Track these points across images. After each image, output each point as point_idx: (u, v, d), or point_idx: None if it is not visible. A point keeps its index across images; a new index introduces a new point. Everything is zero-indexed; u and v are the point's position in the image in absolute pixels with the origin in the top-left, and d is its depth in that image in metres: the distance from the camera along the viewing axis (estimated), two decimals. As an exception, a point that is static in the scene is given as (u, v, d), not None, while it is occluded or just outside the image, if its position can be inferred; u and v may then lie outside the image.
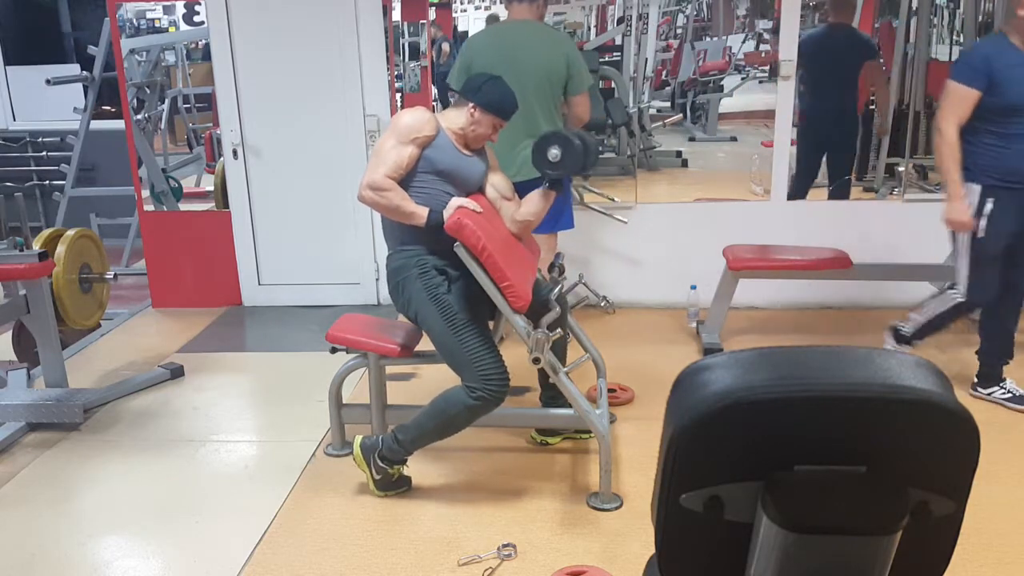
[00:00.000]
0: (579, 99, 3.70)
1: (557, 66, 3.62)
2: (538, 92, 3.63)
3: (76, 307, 3.87)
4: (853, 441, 1.00)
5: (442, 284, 2.70)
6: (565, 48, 3.67)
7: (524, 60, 3.61)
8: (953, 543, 1.08)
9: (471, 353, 2.65)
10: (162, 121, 5.61)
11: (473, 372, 2.65)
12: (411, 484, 2.91)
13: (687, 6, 5.98)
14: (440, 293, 2.69)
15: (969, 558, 2.42)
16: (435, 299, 2.68)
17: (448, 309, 2.67)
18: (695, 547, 1.11)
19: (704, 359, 1.07)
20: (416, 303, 2.72)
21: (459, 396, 2.68)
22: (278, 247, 4.93)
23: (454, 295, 2.69)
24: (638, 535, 2.59)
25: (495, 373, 2.66)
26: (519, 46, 3.66)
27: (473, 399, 2.66)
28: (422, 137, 2.68)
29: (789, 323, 4.49)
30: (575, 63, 3.65)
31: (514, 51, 3.65)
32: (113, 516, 2.86)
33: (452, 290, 2.70)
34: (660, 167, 5.73)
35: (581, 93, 3.69)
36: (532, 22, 3.73)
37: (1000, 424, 3.25)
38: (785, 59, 4.33)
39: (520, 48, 3.66)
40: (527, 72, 3.59)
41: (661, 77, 6.08)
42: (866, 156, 5.06)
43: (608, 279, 4.70)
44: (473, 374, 2.66)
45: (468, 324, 2.67)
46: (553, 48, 3.65)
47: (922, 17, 4.79)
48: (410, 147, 2.67)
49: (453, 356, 2.69)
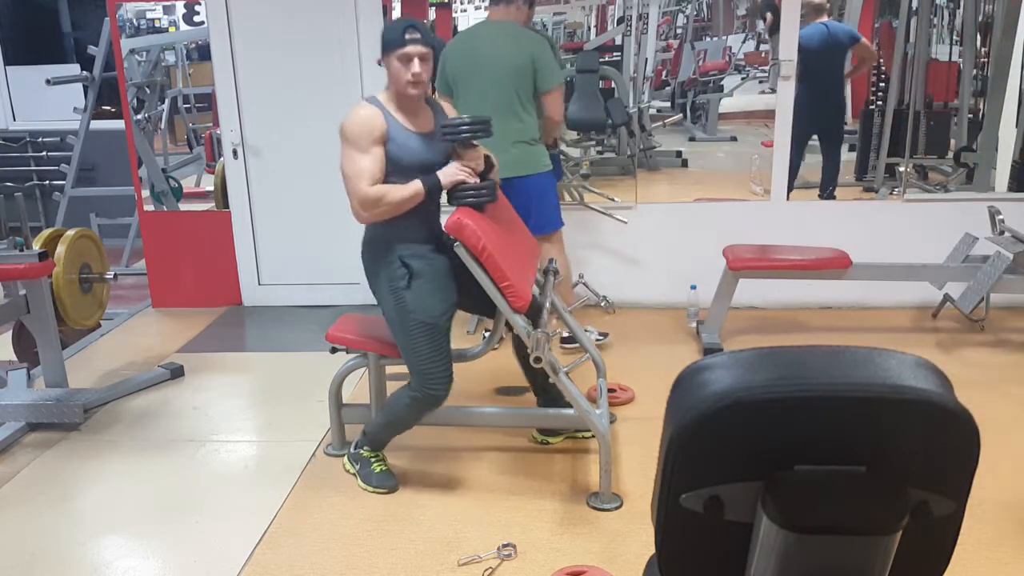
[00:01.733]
0: (547, 98, 3.66)
1: (521, 63, 3.59)
2: (501, 88, 3.61)
3: (76, 307, 3.87)
4: (853, 441, 1.00)
5: (403, 279, 2.69)
6: (532, 46, 3.62)
7: (488, 58, 3.63)
8: (953, 543, 1.08)
9: (416, 353, 2.70)
10: (162, 121, 5.61)
11: (415, 370, 2.73)
12: (397, 485, 2.91)
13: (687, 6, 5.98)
14: (399, 288, 2.69)
15: (969, 558, 2.42)
16: (393, 293, 2.70)
17: (402, 306, 2.69)
18: (695, 547, 1.11)
19: (704, 359, 1.07)
20: (379, 294, 2.76)
21: (401, 395, 2.81)
22: (278, 247, 4.93)
23: (413, 291, 2.69)
24: (638, 535, 2.59)
25: (436, 374, 2.71)
26: (485, 45, 3.67)
27: (411, 397, 2.75)
28: (377, 134, 2.62)
29: (789, 323, 4.49)
30: (541, 59, 3.60)
31: (480, 50, 3.67)
32: (113, 516, 2.86)
33: (412, 286, 2.69)
34: (660, 167, 5.73)
35: (549, 92, 3.65)
36: (504, 23, 3.69)
37: (1000, 424, 3.25)
38: (785, 59, 4.33)
39: (485, 47, 3.66)
40: (490, 69, 3.61)
41: (661, 77, 6.08)
42: (866, 156, 5.07)
43: (608, 279, 4.70)
44: (415, 372, 2.73)
45: (419, 325, 2.68)
46: (518, 46, 3.62)
47: (922, 17, 4.79)
48: (374, 149, 2.62)
49: (403, 352, 2.76)
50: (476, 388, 3.65)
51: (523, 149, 3.68)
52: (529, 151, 3.70)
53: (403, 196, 2.64)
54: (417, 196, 2.65)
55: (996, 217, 3.98)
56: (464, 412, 3.26)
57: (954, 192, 4.96)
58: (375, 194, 2.61)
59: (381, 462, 2.94)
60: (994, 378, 3.65)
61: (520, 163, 3.67)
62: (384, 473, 2.92)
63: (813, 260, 4.00)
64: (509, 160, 3.63)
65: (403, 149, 2.66)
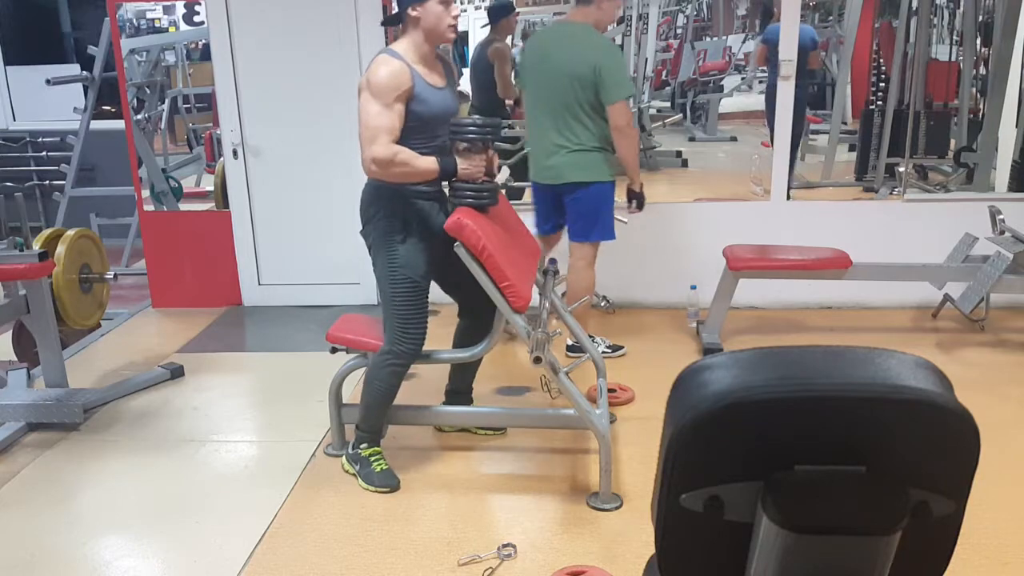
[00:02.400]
0: (611, 109, 3.51)
1: (582, 72, 3.49)
2: (559, 94, 3.56)
3: (76, 307, 3.87)
4: (853, 441, 1.00)
5: (400, 232, 2.69)
6: (597, 56, 3.49)
7: (552, 62, 3.57)
8: (953, 543, 1.08)
9: (396, 307, 2.73)
10: (162, 121, 5.61)
11: (393, 324, 2.75)
12: (398, 484, 2.91)
13: (687, 6, 5.98)
14: (394, 240, 2.70)
15: (969, 558, 2.42)
16: (387, 244, 2.71)
17: (393, 258, 2.70)
18: (695, 547, 1.11)
19: (704, 359, 1.07)
20: (374, 246, 2.76)
21: (376, 362, 2.83)
22: (278, 247, 4.93)
23: (407, 247, 2.69)
24: (638, 535, 2.59)
25: (411, 332, 2.75)
26: (553, 48, 3.62)
27: (384, 359, 2.80)
28: (404, 89, 2.59)
29: (789, 323, 4.49)
30: (604, 70, 3.46)
31: (547, 52, 3.62)
32: (113, 516, 2.86)
33: (407, 241, 2.69)
34: (660, 167, 5.74)
35: (612, 103, 3.50)
36: (578, 25, 3.60)
37: (1000, 424, 3.25)
38: (785, 59, 4.33)
39: (553, 50, 3.61)
40: (551, 73, 3.56)
41: (661, 77, 6.09)
42: (866, 156, 5.07)
43: (608, 279, 4.69)
44: (392, 328, 2.75)
45: (406, 280, 2.69)
46: (583, 55, 3.50)
47: (922, 17, 4.80)
48: (396, 106, 2.59)
49: (384, 306, 2.77)
50: (476, 388, 3.64)
51: (576, 156, 3.62)
52: (582, 158, 3.62)
53: (416, 168, 2.64)
54: (430, 174, 2.66)
55: (996, 217, 3.98)
56: (465, 412, 3.27)
57: (954, 192, 4.97)
58: (391, 154, 2.60)
59: (381, 461, 2.94)
60: (994, 378, 3.65)
61: (570, 170, 3.65)
62: (385, 472, 2.92)
63: (813, 260, 4.00)
64: (559, 166, 3.66)
65: (426, 105, 2.66)
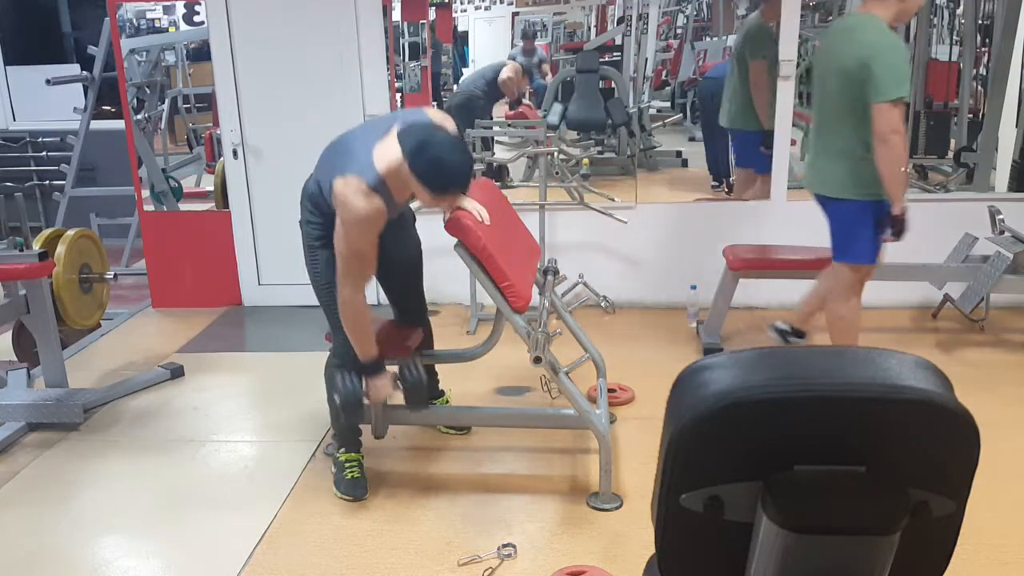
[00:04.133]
0: (875, 109, 2.93)
1: (850, 67, 2.99)
2: (829, 91, 3.15)
3: (76, 307, 3.87)
4: (853, 441, 1.00)
5: (319, 239, 2.69)
6: (869, 49, 2.96)
7: (828, 56, 3.19)
8: (953, 543, 1.08)
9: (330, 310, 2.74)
10: (162, 121, 5.61)
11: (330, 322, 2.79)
12: (364, 495, 2.86)
13: (687, 6, 5.98)
14: (315, 246, 2.71)
15: (969, 558, 2.42)
16: (310, 248, 2.73)
17: (315, 263, 2.72)
18: (695, 547, 1.11)
19: (704, 359, 1.07)
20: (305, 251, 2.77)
21: (328, 366, 2.86)
22: (278, 247, 4.93)
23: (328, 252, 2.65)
24: (638, 535, 2.59)
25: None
26: (833, 40, 3.23)
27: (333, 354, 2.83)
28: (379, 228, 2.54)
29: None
30: (873, 66, 2.92)
31: (829, 45, 3.25)
32: (113, 516, 2.86)
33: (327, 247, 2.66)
34: (660, 167, 5.74)
35: (876, 103, 2.93)
36: (861, 16, 3.11)
37: (1000, 424, 3.25)
38: (785, 59, 4.33)
39: (833, 42, 3.22)
40: (825, 68, 3.19)
41: (661, 77, 6.08)
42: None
43: (608, 279, 4.70)
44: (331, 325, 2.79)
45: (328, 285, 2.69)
46: (853, 47, 3.01)
47: (922, 17, 4.79)
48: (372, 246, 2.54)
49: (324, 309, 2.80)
50: (476, 388, 3.64)
51: (836, 166, 3.16)
52: (841, 169, 3.14)
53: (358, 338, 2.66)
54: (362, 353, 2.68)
55: (996, 217, 3.98)
56: (464, 412, 3.27)
57: (954, 192, 4.97)
58: (354, 308, 2.61)
59: (354, 468, 2.91)
60: (994, 378, 3.64)
61: (828, 181, 3.21)
62: (354, 481, 2.88)
63: (813, 260, 3.99)
64: (820, 175, 3.25)
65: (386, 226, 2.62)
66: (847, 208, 3.15)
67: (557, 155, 4.34)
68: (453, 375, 3.50)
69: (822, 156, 3.22)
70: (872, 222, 3.13)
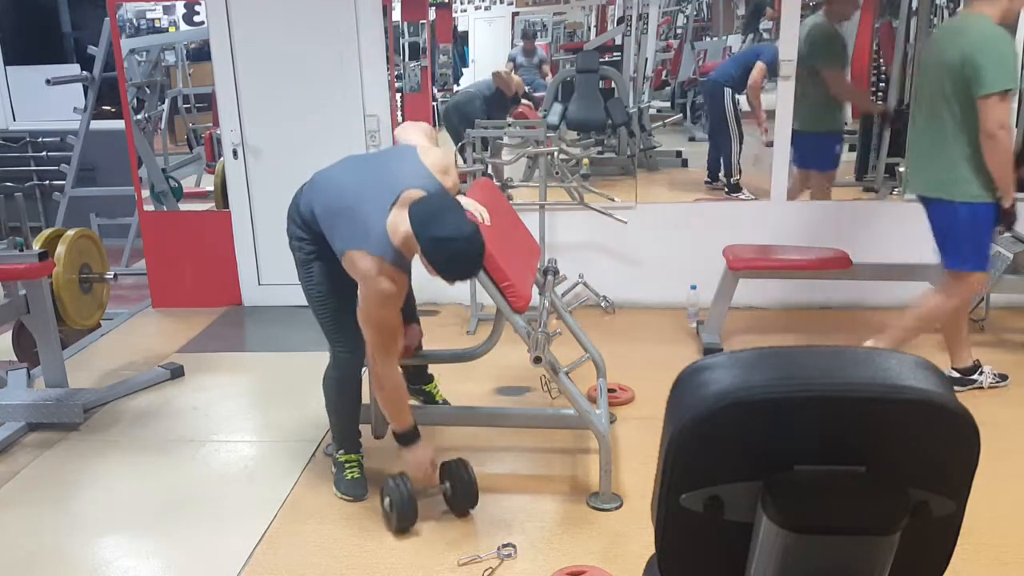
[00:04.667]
0: (981, 104, 2.93)
1: (953, 62, 2.98)
2: (932, 89, 3.12)
3: (76, 307, 3.87)
4: (853, 441, 1.00)
5: (311, 253, 2.71)
6: (973, 43, 2.94)
7: (934, 54, 3.14)
8: (953, 543, 1.08)
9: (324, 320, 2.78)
10: (162, 121, 5.62)
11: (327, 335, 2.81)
12: (364, 495, 2.86)
13: (687, 6, 5.98)
14: (308, 259, 2.73)
15: (969, 558, 2.42)
16: (304, 263, 2.75)
17: (309, 276, 2.74)
18: (695, 547, 1.11)
19: (704, 359, 1.07)
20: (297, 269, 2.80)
21: (326, 375, 2.86)
22: (278, 247, 4.86)
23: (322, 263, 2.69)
24: (638, 535, 2.59)
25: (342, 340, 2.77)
26: (940, 39, 3.21)
27: (330, 372, 2.84)
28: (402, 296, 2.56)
29: (789, 323, 4.49)
30: (976, 59, 2.91)
31: (935, 43, 3.21)
32: (113, 516, 2.86)
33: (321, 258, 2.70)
34: (660, 167, 5.74)
35: (982, 96, 2.92)
36: (969, 16, 3.10)
37: (1000, 424, 3.25)
38: (785, 59, 4.33)
39: (939, 41, 3.19)
40: (930, 65, 3.16)
41: (661, 77, 6.08)
42: (866, 156, 5.07)
43: (608, 279, 4.70)
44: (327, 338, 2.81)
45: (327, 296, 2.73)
46: (957, 42, 3.00)
47: (922, 17, 4.79)
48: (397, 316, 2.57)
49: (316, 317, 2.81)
50: (476, 388, 3.64)
51: (938, 167, 3.14)
52: (942, 170, 3.12)
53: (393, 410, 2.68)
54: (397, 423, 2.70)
55: (996, 217, 3.98)
56: (464, 412, 3.27)
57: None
58: (391, 382, 2.64)
59: (354, 469, 2.91)
60: (994, 378, 3.64)
61: (931, 184, 3.19)
62: (355, 481, 2.89)
63: (813, 260, 4.00)
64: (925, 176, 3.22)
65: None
66: (943, 211, 3.15)
67: (557, 155, 4.34)
68: (453, 375, 3.50)
69: (924, 157, 3.20)
70: (978, 224, 3.11)
